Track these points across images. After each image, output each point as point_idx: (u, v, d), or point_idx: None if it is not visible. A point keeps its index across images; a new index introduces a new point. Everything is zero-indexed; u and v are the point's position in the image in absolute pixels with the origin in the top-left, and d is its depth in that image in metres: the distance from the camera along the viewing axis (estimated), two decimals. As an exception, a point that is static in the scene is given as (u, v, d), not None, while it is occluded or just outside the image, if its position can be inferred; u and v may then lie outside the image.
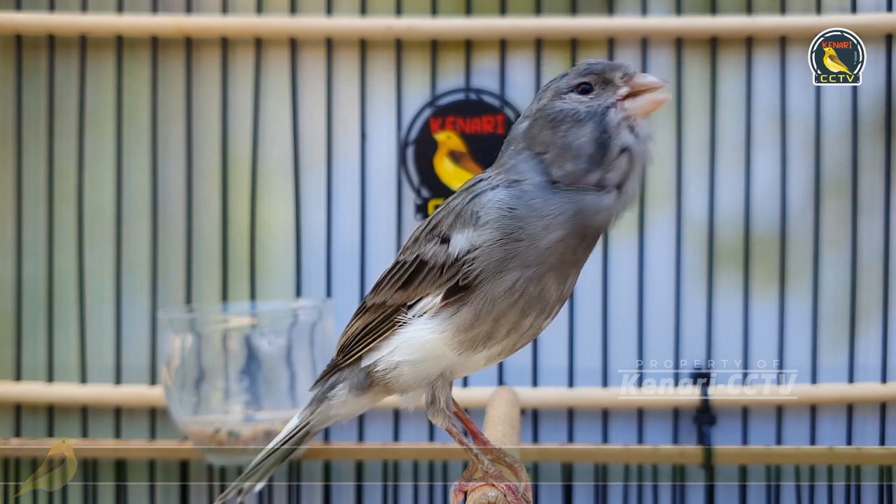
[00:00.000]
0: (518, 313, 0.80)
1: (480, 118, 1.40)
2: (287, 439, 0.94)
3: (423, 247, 0.83)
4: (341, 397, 0.90)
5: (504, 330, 0.80)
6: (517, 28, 1.39)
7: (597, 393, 1.41)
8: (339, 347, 0.91)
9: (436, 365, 0.83)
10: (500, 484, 0.81)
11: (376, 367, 0.86)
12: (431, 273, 0.82)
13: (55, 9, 1.41)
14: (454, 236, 0.81)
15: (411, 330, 0.83)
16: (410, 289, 0.84)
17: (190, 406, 1.29)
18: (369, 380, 0.88)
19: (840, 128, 1.40)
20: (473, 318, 0.80)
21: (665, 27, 1.39)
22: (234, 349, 1.30)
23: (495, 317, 0.79)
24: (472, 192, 0.82)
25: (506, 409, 1.11)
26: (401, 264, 0.86)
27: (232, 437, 1.28)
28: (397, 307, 0.84)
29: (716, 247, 1.41)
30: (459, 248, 0.80)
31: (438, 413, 0.85)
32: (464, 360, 0.82)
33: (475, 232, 0.79)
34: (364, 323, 0.88)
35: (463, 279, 0.79)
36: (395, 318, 0.84)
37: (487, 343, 0.81)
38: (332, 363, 0.92)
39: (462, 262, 0.79)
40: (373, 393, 0.89)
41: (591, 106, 0.80)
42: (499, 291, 0.78)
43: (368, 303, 0.89)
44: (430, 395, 0.85)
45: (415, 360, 0.83)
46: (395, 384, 0.86)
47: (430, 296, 0.82)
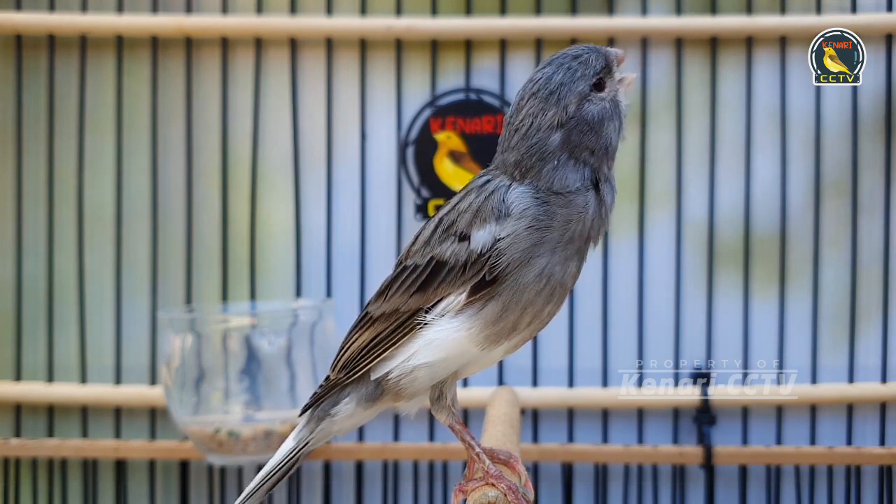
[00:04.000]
0: (544, 300, 0.80)
1: (480, 118, 1.40)
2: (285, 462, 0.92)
3: (438, 248, 0.83)
4: (348, 411, 0.88)
5: (528, 318, 0.81)
6: (517, 28, 1.39)
7: (597, 393, 1.41)
8: (342, 364, 0.88)
9: (456, 363, 0.83)
10: (501, 484, 0.81)
11: (389, 376, 0.85)
12: (453, 272, 0.81)
13: (55, 9, 1.42)
14: (475, 233, 0.81)
15: (434, 331, 0.82)
16: (429, 291, 0.83)
17: (190, 406, 1.29)
18: (380, 390, 0.86)
19: (840, 128, 1.40)
20: (502, 309, 0.80)
21: (665, 27, 1.39)
22: (234, 349, 1.30)
23: (523, 305, 0.80)
24: (486, 191, 0.82)
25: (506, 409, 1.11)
26: (412, 269, 0.84)
27: (232, 437, 1.28)
28: (413, 312, 0.83)
29: (716, 247, 1.41)
30: (483, 244, 0.80)
31: (443, 409, 0.85)
32: (486, 354, 0.82)
33: (498, 226, 0.80)
34: (373, 334, 0.86)
35: (490, 273, 0.79)
36: (413, 323, 0.83)
37: (511, 334, 0.81)
38: (331, 382, 0.89)
39: (488, 256, 0.79)
40: (381, 403, 0.88)
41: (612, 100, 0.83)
42: (528, 280, 0.79)
43: (375, 313, 0.86)
44: (436, 391, 0.85)
45: (436, 361, 0.82)
46: (408, 390, 0.85)
47: (452, 295, 0.81)
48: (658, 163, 1.41)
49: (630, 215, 1.41)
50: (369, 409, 0.88)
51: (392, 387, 0.85)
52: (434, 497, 1.43)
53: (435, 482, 1.43)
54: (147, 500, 1.44)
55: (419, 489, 1.43)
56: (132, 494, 1.44)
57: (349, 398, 0.88)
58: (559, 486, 1.41)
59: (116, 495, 1.44)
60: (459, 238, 0.82)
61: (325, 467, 1.43)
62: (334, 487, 1.44)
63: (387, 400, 0.87)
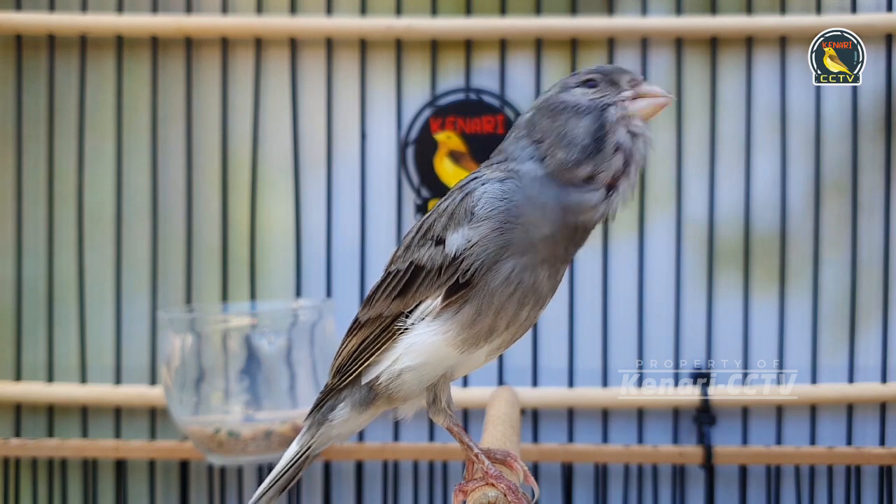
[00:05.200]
0: (516, 304, 0.80)
1: (480, 118, 1.40)
2: (288, 467, 0.93)
3: (417, 252, 0.83)
4: (343, 416, 0.89)
5: (504, 322, 0.81)
6: (517, 28, 1.39)
7: (597, 393, 1.41)
8: (336, 369, 0.90)
9: (439, 367, 0.83)
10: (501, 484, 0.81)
11: (379, 380, 0.85)
12: (429, 276, 0.82)
13: (55, 9, 1.42)
14: (449, 236, 0.81)
15: (413, 335, 0.83)
16: (408, 296, 0.83)
17: (190, 406, 1.29)
18: (372, 394, 0.87)
19: (840, 128, 1.40)
20: (475, 313, 0.80)
21: (665, 27, 1.39)
22: (234, 349, 1.29)
23: (496, 309, 0.80)
24: (464, 191, 0.82)
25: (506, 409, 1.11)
26: (393, 274, 0.85)
27: (232, 437, 1.28)
28: (395, 316, 0.84)
29: (716, 247, 1.41)
30: (457, 247, 0.80)
31: (440, 412, 0.86)
32: (466, 357, 0.83)
33: (470, 228, 0.80)
34: (360, 339, 0.87)
35: (462, 276, 0.79)
36: (395, 327, 0.84)
37: (489, 337, 0.81)
38: (327, 387, 0.91)
39: (461, 260, 0.79)
40: (375, 407, 0.88)
41: (593, 99, 0.81)
42: (497, 283, 0.79)
43: (362, 318, 0.88)
44: (431, 395, 0.85)
45: (418, 365, 0.83)
46: (399, 393, 0.85)
47: (429, 299, 0.82)
48: (658, 162, 1.41)
49: (630, 215, 1.41)
50: (364, 412, 0.89)
51: (383, 391, 0.86)
52: (434, 497, 1.43)
53: (435, 482, 1.43)
54: (147, 500, 1.44)
55: (419, 489, 1.43)
56: (132, 494, 1.44)
57: (344, 403, 0.89)
58: (559, 486, 1.41)
59: (116, 495, 1.44)
60: (436, 242, 0.82)
61: (325, 467, 1.43)
62: (334, 487, 1.44)
63: (380, 404, 0.88)
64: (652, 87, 0.81)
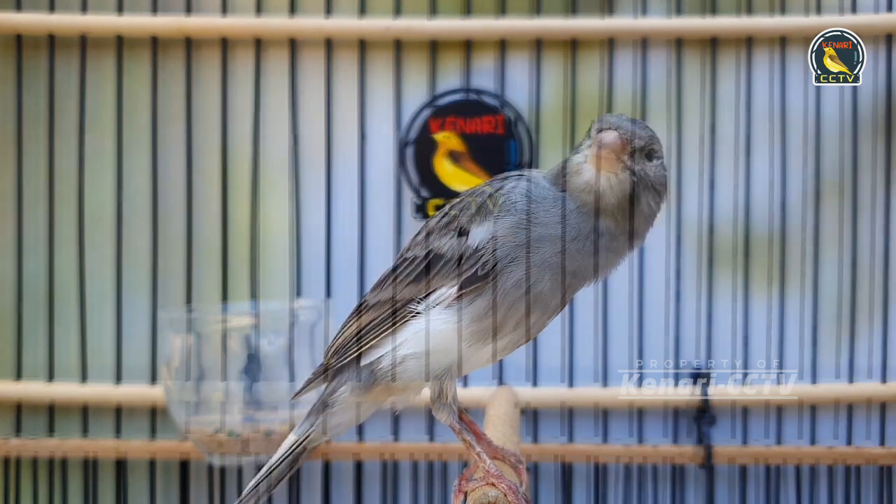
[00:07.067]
0: (527, 305, 0.81)
1: (480, 118, 1.40)
2: (283, 458, 0.93)
3: (438, 241, 0.84)
4: (343, 401, 0.89)
5: (513, 322, 0.82)
6: (516, 28, 1.39)
7: (597, 392, 1.41)
8: (335, 349, 0.90)
9: (444, 357, 0.83)
10: (501, 483, 0.81)
11: (380, 364, 0.86)
12: (448, 265, 0.83)
13: (55, 9, 1.41)
14: (474, 229, 0.82)
15: (422, 322, 0.83)
16: (423, 282, 0.84)
17: (190, 406, 1.29)
18: (372, 378, 0.87)
19: (840, 128, 1.40)
20: (487, 306, 0.81)
21: (665, 27, 1.39)
22: (234, 349, 1.30)
23: (507, 306, 0.81)
24: (494, 187, 0.84)
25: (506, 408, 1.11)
26: (410, 260, 0.86)
27: (232, 437, 1.28)
28: (406, 302, 0.85)
29: (715, 247, 1.41)
30: (479, 239, 0.81)
31: (444, 408, 0.85)
32: (472, 352, 0.83)
33: (495, 222, 0.81)
34: (367, 320, 0.87)
35: (481, 268, 0.80)
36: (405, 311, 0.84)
37: (496, 334, 0.82)
38: (321, 368, 0.91)
39: (482, 252, 0.81)
40: (374, 395, 0.89)
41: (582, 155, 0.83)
42: (513, 280, 0.80)
43: (371, 301, 0.88)
44: (437, 389, 0.85)
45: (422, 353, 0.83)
46: (399, 380, 0.85)
47: (444, 287, 0.83)
48: (658, 163, 1.41)
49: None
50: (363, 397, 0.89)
51: (383, 376, 0.86)
52: (434, 497, 1.43)
53: (435, 482, 1.43)
54: (147, 499, 1.44)
55: (419, 489, 1.43)
56: (132, 494, 1.44)
57: (344, 387, 0.89)
58: (558, 485, 1.41)
59: (116, 494, 1.44)
60: (459, 233, 0.83)
61: (324, 466, 1.43)
62: (334, 487, 1.44)
63: (380, 391, 0.88)
64: (601, 135, 0.81)
